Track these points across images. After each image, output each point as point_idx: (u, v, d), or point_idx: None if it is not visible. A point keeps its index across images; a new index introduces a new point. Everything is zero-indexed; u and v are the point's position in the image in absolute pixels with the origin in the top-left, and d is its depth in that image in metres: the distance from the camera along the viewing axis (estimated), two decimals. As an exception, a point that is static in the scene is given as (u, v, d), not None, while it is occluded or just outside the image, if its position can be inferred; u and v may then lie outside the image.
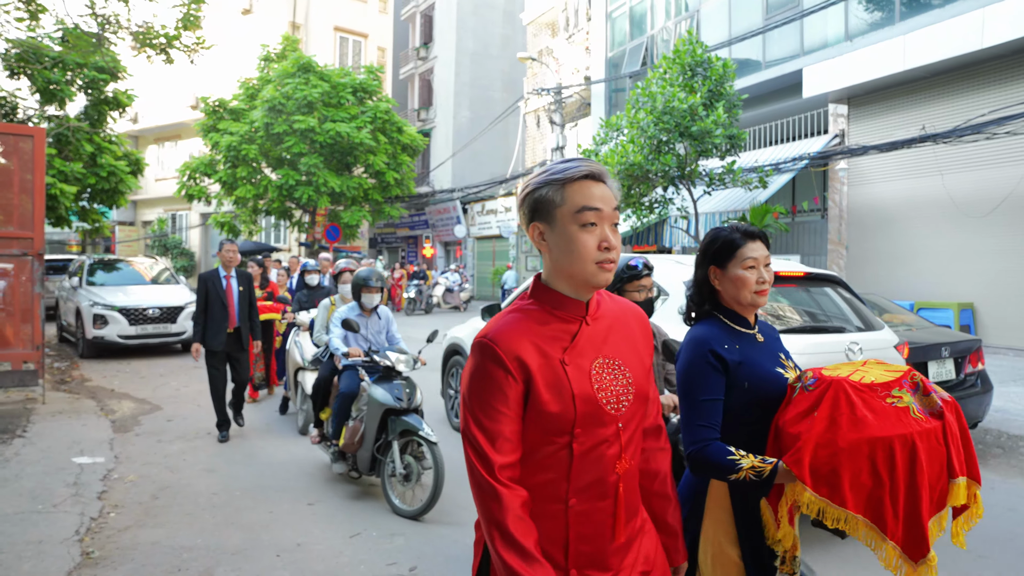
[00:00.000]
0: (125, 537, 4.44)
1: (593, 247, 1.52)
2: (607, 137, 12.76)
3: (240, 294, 6.96)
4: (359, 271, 5.65)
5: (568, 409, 1.51)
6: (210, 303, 6.79)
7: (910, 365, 4.40)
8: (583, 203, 1.51)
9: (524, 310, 1.59)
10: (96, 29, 10.90)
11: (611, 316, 1.66)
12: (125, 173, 15.62)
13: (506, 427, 1.51)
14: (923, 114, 12.21)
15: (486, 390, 1.51)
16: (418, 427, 4.85)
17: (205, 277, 6.91)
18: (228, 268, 6.96)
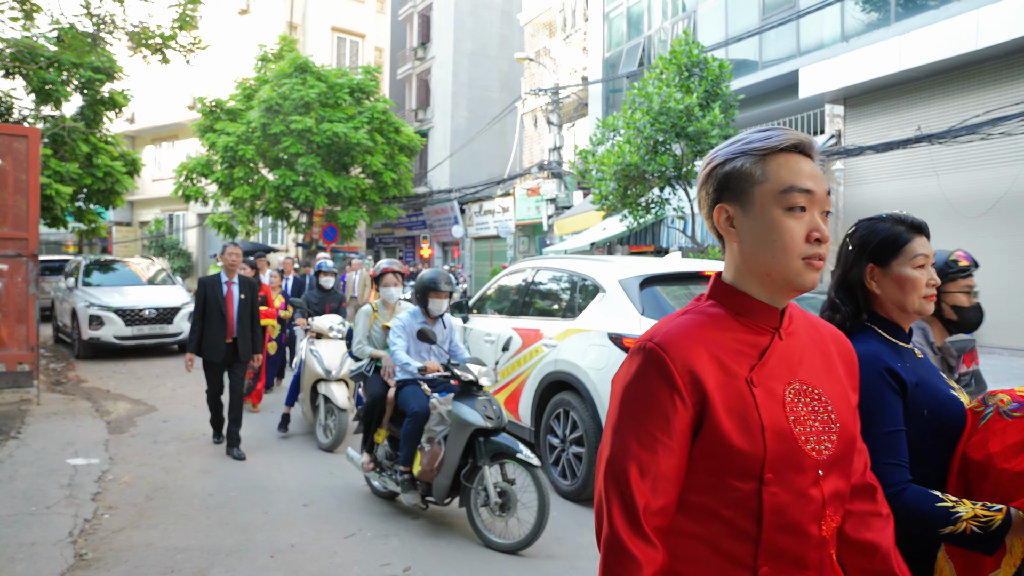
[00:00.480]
0: (119, 538, 4.43)
1: (800, 237, 1.21)
2: (604, 137, 12.76)
3: (241, 302, 6.47)
4: (425, 273, 5.02)
5: (756, 445, 1.17)
6: (208, 310, 6.35)
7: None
8: (791, 181, 1.21)
9: (703, 312, 1.28)
10: (92, 29, 10.90)
11: (805, 332, 1.33)
12: (121, 173, 15.61)
13: (665, 461, 1.18)
14: (919, 115, 12.22)
15: (644, 410, 1.19)
16: (515, 449, 4.27)
17: (205, 282, 6.51)
18: (230, 273, 6.52)
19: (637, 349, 1.23)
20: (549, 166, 21.22)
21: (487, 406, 4.43)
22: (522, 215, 24.00)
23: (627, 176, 11.94)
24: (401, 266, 6.07)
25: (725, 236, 1.28)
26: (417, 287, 4.99)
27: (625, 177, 11.97)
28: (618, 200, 12.48)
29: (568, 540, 4.49)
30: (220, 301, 6.38)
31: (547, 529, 4.20)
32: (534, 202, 22.88)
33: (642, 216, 12.73)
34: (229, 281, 6.52)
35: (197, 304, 6.42)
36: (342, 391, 6.68)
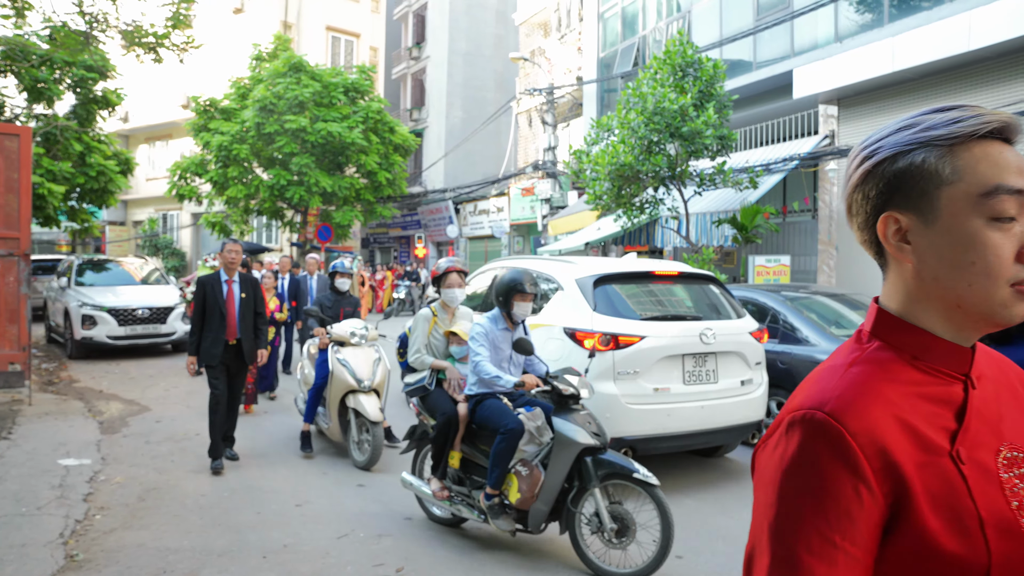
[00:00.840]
0: (110, 539, 4.41)
1: (1010, 256, 0.88)
2: (598, 137, 12.76)
3: (242, 301, 6.18)
4: (508, 273, 4.49)
5: (976, 548, 0.83)
6: (207, 311, 6.06)
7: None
8: (997, 180, 0.88)
9: (872, 359, 0.93)
10: (84, 27, 10.86)
11: (991, 372, 0.99)
12: (115, 173, 15.54)
13: (847, 575, 0.83)
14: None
15: (816, 506, 0.84)
16: (630, 468, 3.85)
17: (204, 281, 6.21)
18: (230, 271, 6.22)
19: (797, 421, 0.88)
20: (544, 166, 21.23)
21: (590, 421, 4.01)
22: (517, 215, 23.99)
23: (621, 176, 11.94)
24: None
25: (893, 254, 0.95)
26: (498, 289, 4.44)
27: (619, 177, 11.96)
28: (612, 200, 12.48)
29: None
30: (220, 301, 6.07)
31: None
32: (529, 202, 22.88)
33: (636, 216, 12.73)
34: (229, 280, 6.20)
35: (196, 305, 6.14)
36: (373, 403, 6.06)
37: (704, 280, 6.24)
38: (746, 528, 4.47)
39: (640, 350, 5.29)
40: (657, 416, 5.30)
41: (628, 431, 5.21)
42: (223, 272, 6.25)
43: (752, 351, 5.81)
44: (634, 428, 5.24)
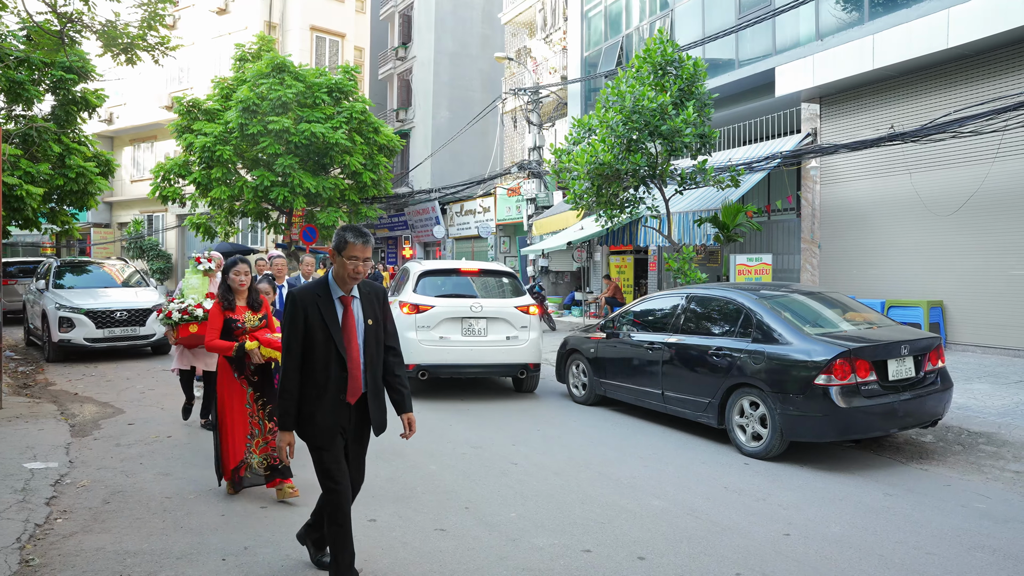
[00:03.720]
0: (69, 543, 4.35)
1: None
2: (580, 137, 12.74)
3: (368, 332, 5.40)
4: None
5: None
6: (313, 349, 5.32)
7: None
8: None
9: None
10: (59, 28, 10.73)
11: None
12: (94, 174, 15.44)
13: None
14: (892, 113, 12.30)
15: None
16: None
17: (300, 297, 5.81)
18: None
19: None
20: (529, 166, 21.20)
21: None
22: (503, 215, 23.96)
23: (601, 175, 11.92)
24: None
25: None
26: None
27: (599, 176, 11.94)
28: (592, 199, 12.45)
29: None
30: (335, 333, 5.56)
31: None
32: (515, 202, 22.85)
33: (616, 216, 12.71)
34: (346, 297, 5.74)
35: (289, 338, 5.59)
36: None
37: (499, 274, 9.69)
38: (713, 530, 4.47)
39: (430, 314, 8.85)
40: (439, 353, 8.80)
41: (420, 360, 8.72)
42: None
43: (516, 319, 9.04)
44: (424, 359, 8.76)
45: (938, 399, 6.38)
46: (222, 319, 5.26)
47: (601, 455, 6.46)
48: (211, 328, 5.26)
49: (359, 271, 3.44)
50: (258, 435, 5.21)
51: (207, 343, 5.25)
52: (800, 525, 4.65)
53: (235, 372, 5.22)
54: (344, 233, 3.46)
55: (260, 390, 5.28)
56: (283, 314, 3.55)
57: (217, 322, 5.25)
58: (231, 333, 5.24)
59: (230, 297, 5.30)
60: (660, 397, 7.49)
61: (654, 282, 18.36)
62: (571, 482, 5.61)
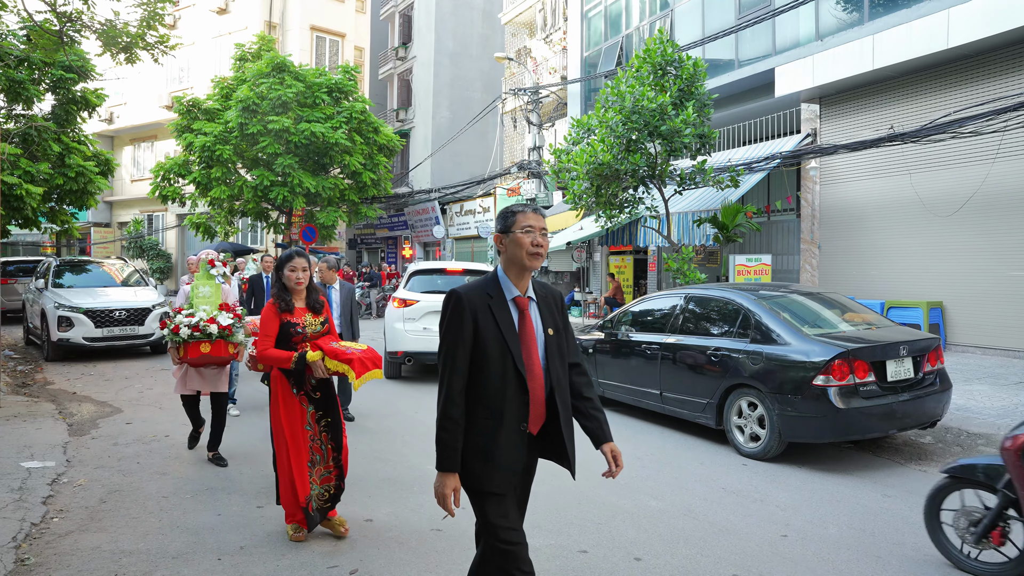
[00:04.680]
0: (65, 542, 4.34)
1: None
2: (579, 137, 12.72)
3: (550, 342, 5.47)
4: None
5: None
6: (486, 365, 5.35)
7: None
8: None
9: None
10: (58, 27, 10.73)
11: None
12: (94, 174, 15.42)
13: None
14: (892, 113, 12.29)
15: None
16: None
17: (467, 297, 5.82)
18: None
19: None
20: (529, 166, 21.19)
21: None
22: (503, 215, 23.93)
23: (600, 175, 11.90)
24: None
25: None
26: None
27: (598, 176, 11.93)
28: (591, 199, 12.44)
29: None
30: (512, 343, 5.71)
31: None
32: (515, 202, 22.83)
33: (615, 216, 12.69)
34: (522, 299, 5.61)
35: (456, 352, 5.62)
36: None
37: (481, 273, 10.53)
38: (710, 531, 4.45)
39: (415, 307, 10.19)
40: (423, 341, 10.01)
41: (407, 348, 10.12)
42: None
43: None
44: (410, 346, 10.10)
45: (937, 400, 6.36)
46: (278, 323, 4.36)
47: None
48: (264, 335, 4.35)
49: (539, 244, 2.66)
50: (319, 462, 4.42)
51: (260, 352, 4.34)
52: (797, 526, 4.65)
53: (293, 388, 4.38)
54: (507, 210, 2.76)
55: (323, 409, 4.45)
56: (444, 318, 2.72)
57: (272, 327, 4.35)
58: (288, 340, 4.35)
59: (287, 297, 4.42)
60: (658, 397, 7.48)
61: (653, 282, 18.35)
62: (568, 483, 5.58)
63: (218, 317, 5.80)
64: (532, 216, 2.69)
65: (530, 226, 2.66)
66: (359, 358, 4.25)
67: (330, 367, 4.27)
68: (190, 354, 5.78)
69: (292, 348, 4.33)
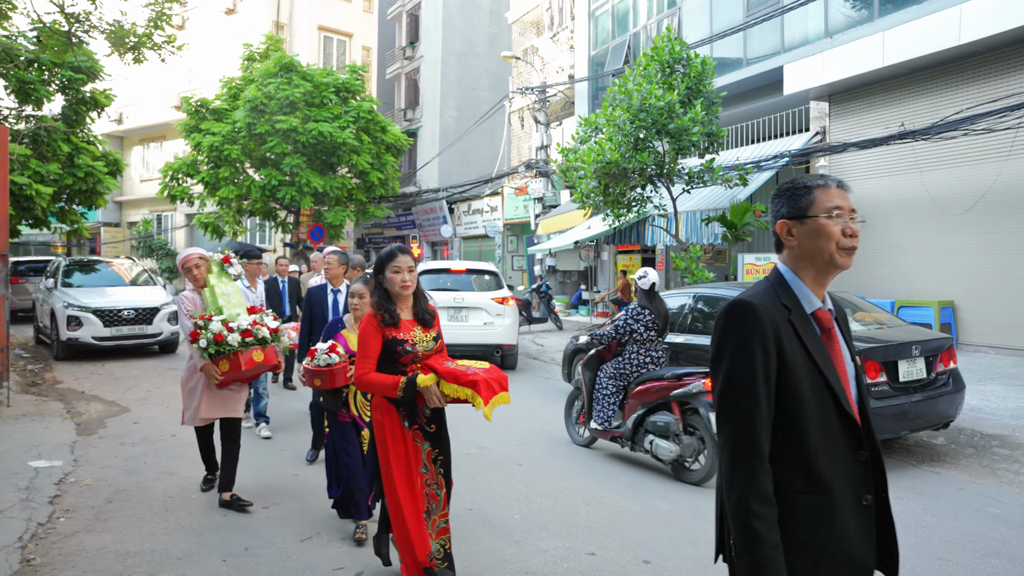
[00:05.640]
0: (71, 543, 4.33)
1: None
2: (587, 135, 12.68)
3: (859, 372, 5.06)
4: None
5: None
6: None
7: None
8: None
9: None
10: (67, 28, 10.77)
11: None
12: (103, 174, 15.44)
13: None
14: (903, 111, 12.18)
15: None
16: None
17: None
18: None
19: None
20: (536, 165, 21.14)
21: None
22: (510, 214, 23.92)
23: (607, 174, 11.85)
24: None
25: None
26: None
27: (606, 175, 11.88)
28: (599, 198, 12.39)
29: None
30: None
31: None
32: (522, 201, 22.81)
33: (623, 215, 12.63)
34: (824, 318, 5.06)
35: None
36: None
37: (483, 272, 11.58)
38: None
39: None
40: None
41: None
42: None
43: (492, 308, 10.85)
44: None
45: (950, 401, 6.29)
46: (380, 340, 3.43)
47: (607, 456, 6.40)
48: (364, 355, 3.41)
49: (854, 233, 1.81)
50: (435, 510, 3.53)
51: (359, 377, 3.42)
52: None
53: (404, 421, 3.49)
54: (796, 185, 1.89)
55: (438, 445, 3.58)
56: (727, 342, 1.78)
57: (373, 344, 3.42)
58: (394, 362, 3.44)
59: (391, 307, 3.47)
60: (667, 397, 7.41)
61: (662, 281, 18.27)
62: (576, 484, 5.56)
63: (266, 320, 4.98)
64: (837, 194, 1.84)
65: (839, 208, 1.81)
66: (484, 379, 3.33)
67: (448, 393, 3.38)
68: (245, 365, 4.75)
69: (399, 371, 3.42)
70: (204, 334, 4.65)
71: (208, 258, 5.06)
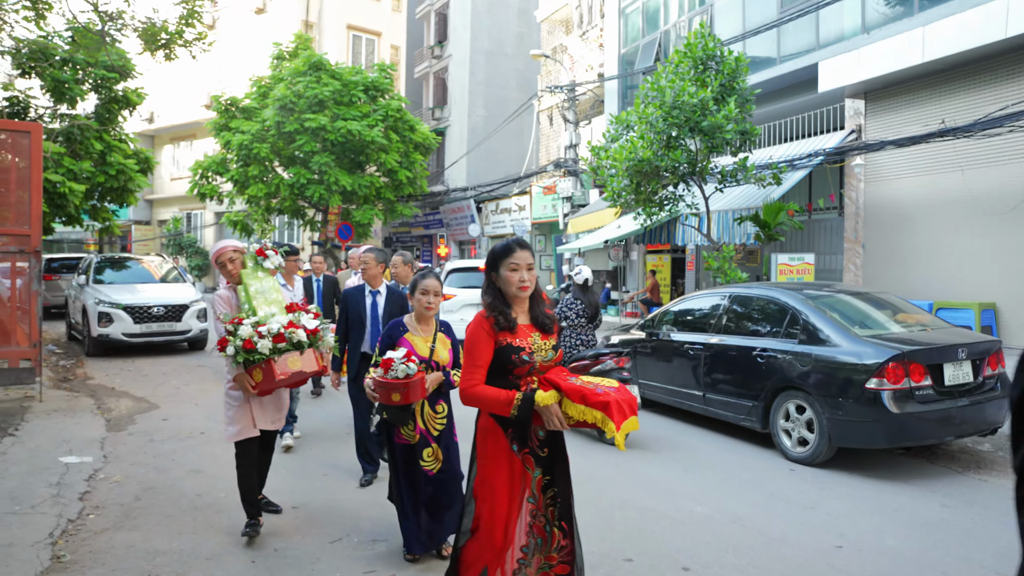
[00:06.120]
0: (100, 540, 4.30)
1: None
2: (617, 133, 12.50)
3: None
4: None
5: None
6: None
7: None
8: None
9: None
10: (101, 26, 10.85)
11: None
12: (134, 171, 15.59)
13: None
14: (943, 108, 11.85)
15: None
16: None
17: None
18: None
19: None
20: (565, 164, 20.99)
21: None
22: (538, 213, 23.78)
23: (640, 172, 11.67)
24: None
25: None
26: None
27: (638, 173, 11.70)
28: (631, 197, 12.22)
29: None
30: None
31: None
32: (550, 200, 22.66)
33: (655, 214, 12.45)
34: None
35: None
36: None
37: None
38: (760, 539, 4.25)
39: (452, 301, 11.63)
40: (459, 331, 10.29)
41: None
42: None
43: None
44: None
45: (997, 406, 6.05)
46: (492, 347, 2.83)
47: (640, 458, 6.26)
48: (472, 364, 2.82)
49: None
50: (539, 548, 2.89)
51: (466, 390, 2.80)
52: (852, 536, 4.41)
53: (514, 444, 2.86)
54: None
55: (551, 472, 2.92)
56: None
57: (484, 351, 2.82)
58: (506, 372, 2.83)
59: (506, 310, 2.87)
60: (701, 399, 7.26)
61: (691, 281, 18.04)
62: (609, 487, 5.43)
63: (304, 320, 4.33)
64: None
65: None
66: (616, 400, 2.68)
67: (572, 415, 2.71)
68: (277, 374, 4.06)
69: (512, 384, 2.81)
70: (232, 340, 4.01)
71: (244, 251, 4.46)
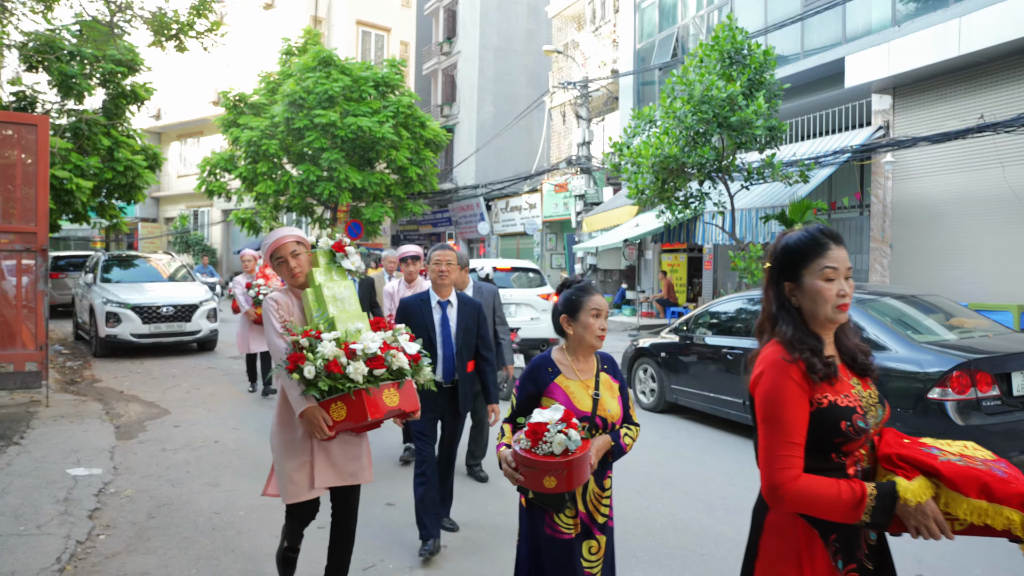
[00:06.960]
0: (112, 565, 3.95)
1: None
2: (638, 129, 12.13)
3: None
4: None
5: None
6: None
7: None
8: None
9: None
10: (109, 18, 10.53)
11: None
12: (142, 168, 15.26)
13: None
14: (977, 102, 11.45)
15: None
16: None
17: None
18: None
19: None
20: (578, 161, 20.63)
21: None
22: (549, 211, 23.43)
23: (665, 169, 11.30)
24: None
25: None
26: None
27: (663, 170, 11.33)
28: (655, 194, 11.84)
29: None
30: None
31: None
32: (562, 198, 22.30)
33: (680, 211, 12.08)
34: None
35: None
36: None
37: (527, 270, 11.62)
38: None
39: None
40: None
41: None
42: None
43: (538, 303, 10.98)
44: None
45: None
46: (807, 408, 1.81)
47: (683, 470, 5.90)
48: (786, 440, 1.76)
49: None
50: None
51: (785, 485, 1.73)
52: (931, 563, 4.04)
53: (838, 557, 1.83)
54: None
55: None
56: None
57: (799, 417, 1.79)
58: (830, 448, 1.82)
59: (819, 346, 1.89)
60: (741, 406, 6.89)
61: (709, 281, 17.66)
62: (656, 503, 5.06)
63: (403, 343, 3.14)
64: None
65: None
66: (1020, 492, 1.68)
67: (961, 515, 1.72)
68: (372, 413, 2.90)
69: (834, 467, 1.82)
70: (312, 360, 2.88)
71: (309, 244, 3.34)
